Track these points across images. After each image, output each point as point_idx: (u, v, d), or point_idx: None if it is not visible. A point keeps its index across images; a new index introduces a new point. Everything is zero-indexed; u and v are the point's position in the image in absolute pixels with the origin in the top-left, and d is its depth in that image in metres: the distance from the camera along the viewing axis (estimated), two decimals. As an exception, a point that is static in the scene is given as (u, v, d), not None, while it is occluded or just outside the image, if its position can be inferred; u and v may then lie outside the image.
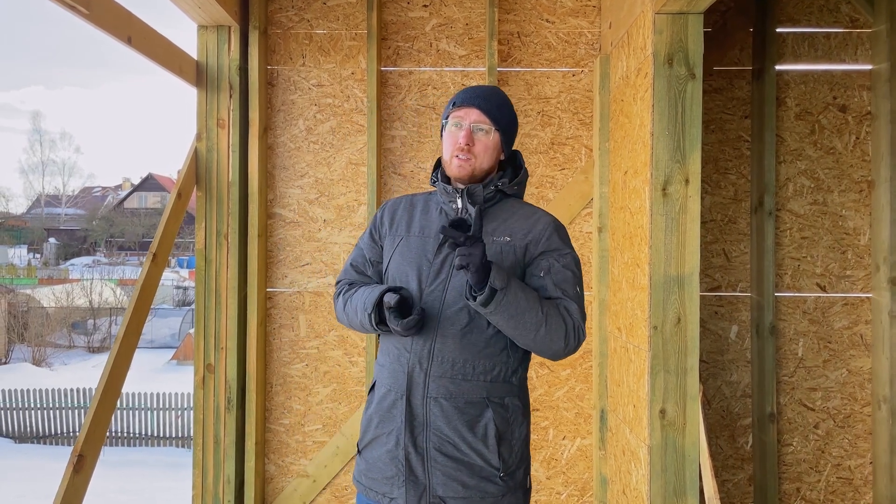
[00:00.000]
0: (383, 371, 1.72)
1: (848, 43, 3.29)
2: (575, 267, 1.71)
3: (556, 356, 1.66)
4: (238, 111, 3.15)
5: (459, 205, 1.71)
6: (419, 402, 1.64)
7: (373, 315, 1.67)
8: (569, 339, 1.63)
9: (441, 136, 1.80)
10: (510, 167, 1.81)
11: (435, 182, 1.77)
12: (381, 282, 1.82)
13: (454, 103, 1.74)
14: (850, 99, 3.28)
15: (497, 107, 1.74)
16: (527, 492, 1.73)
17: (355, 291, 1.79)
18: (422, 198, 1.85)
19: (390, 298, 1.61)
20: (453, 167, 1.71)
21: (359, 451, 1.77)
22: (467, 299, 1.57)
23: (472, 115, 1.71)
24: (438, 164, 1.81)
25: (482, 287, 1.54)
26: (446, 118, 1.76)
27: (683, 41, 2.30)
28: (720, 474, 3.29)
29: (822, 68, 3.29)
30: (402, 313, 1.62)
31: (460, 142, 1.69)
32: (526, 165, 3.25)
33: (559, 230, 1.73)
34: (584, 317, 1.67)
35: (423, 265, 1.69)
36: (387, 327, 1.66)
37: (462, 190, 1.71)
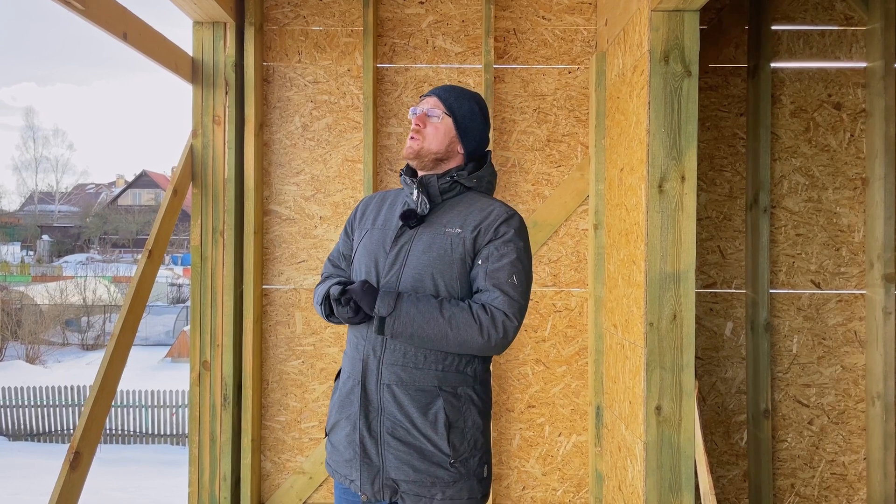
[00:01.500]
0: (346, 359, 1.79)
1: (843, 40, 3.30)
2: (516, 255, 1.70)
3: (485, 352, 1.67)
4: (234, 108, 3.15)
5: (415, 196, 1.76)
6: (374, 388, 1.70)
7: (323, 307, 1.76)
8: (487, 333, 1.62)
9: None
10: (476, 164, 1.84)
11: (402, 174, 1.84)
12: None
13: (420, 96, 1.86)
14: (844, 96, 3.30)
15: (455, 98, 1.80)
16: (483, 480, 1.75)
17: (320, 285, 1.87)
18: (393, 193, 1.90)
19: (334, 290, 1.69)
20: (404, 148, 1.79)
21: (326, 435, 1.83)
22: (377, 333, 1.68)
23: (430, 102, 1.80)
24: None
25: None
26: None
27: (680, 38, 2.30)
28: (714, 470, 3.31)
29: (817, 66, 3.30)
30: (346, 304, 1.69)
31: (412, 123, 1.78)
32: (522, 162, 3.27)
33: (510, 221, 1.73)
34: (514, 305, 1.66)
35: (380, 256, 1.75)
36: (336, 319, 1.74)
37: (418, 181, 1.76)
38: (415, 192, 1.75)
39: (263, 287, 3.29)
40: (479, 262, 1.69)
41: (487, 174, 1.83)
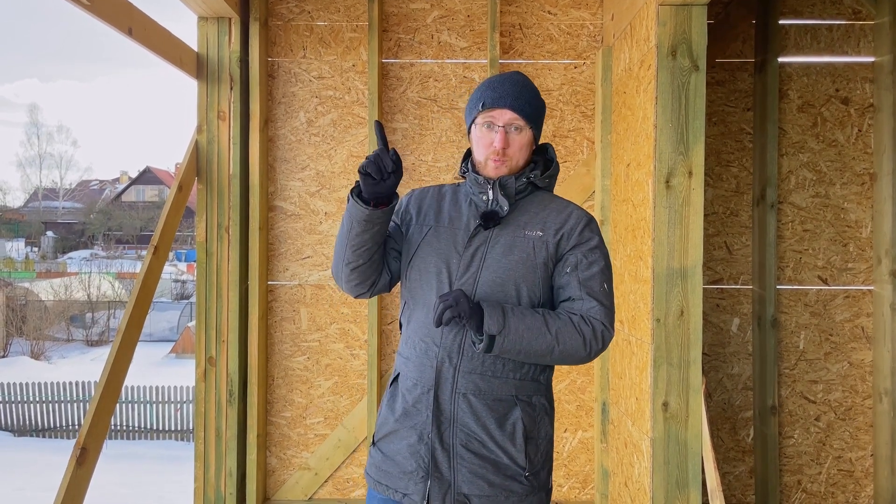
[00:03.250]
0: (408, 364, 1.67)
1: (850, 35, 3.28)
2: (605, 262, 1.67)
3: (582, 363, 1.64)
4: (239, 103, 3.14)
5: (490, 196, 1.67)
6: (447, 397, 1.60)
7: (351, 195, 1.60)
8: (590, 346, 1.59)
9: (468, 129, 1.75)
10: (541, 159, 1.76)
11: (465, 172, 1.73)
12: (397, 271, 1.77)
13: (483, 104, 1.67)
14: (852, 91, 3.28)
15: (528, 102, 1.68)
16: (549, 492, 1.71)
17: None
18: (450, 189, 1.80)
19: (365, 164, 1.53)
20: (489, 170, 1.67)
21: (374, 443, 1.72)
22: (473, 345, 1.58)
23: (506, 116, 1.65)
24: (468, 155, 1.77)
25: (480, 332, 1.54)
26: (473, 117, 1.70)
27: (687, 33, 2.29)
28: (721, 467, 3.30)
29: (825, 60, 3.29)
30: (376, 178, 1.53)
31: (496, 145, 1.64)
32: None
33: (592, 225, 1.69)
34: (610, 314, 1.63)
35: (452, 257, 1.65)
36: (367, 205, 1.58)
37: (494, 182, 1.66)
38: (490, 192, 1.66)
39: (268, 283, 3.29)
40: (568, 270, 1.63)
41: (556, 172, 1.77)
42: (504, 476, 1.59)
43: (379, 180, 1.54)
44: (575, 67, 3.24)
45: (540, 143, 1.78)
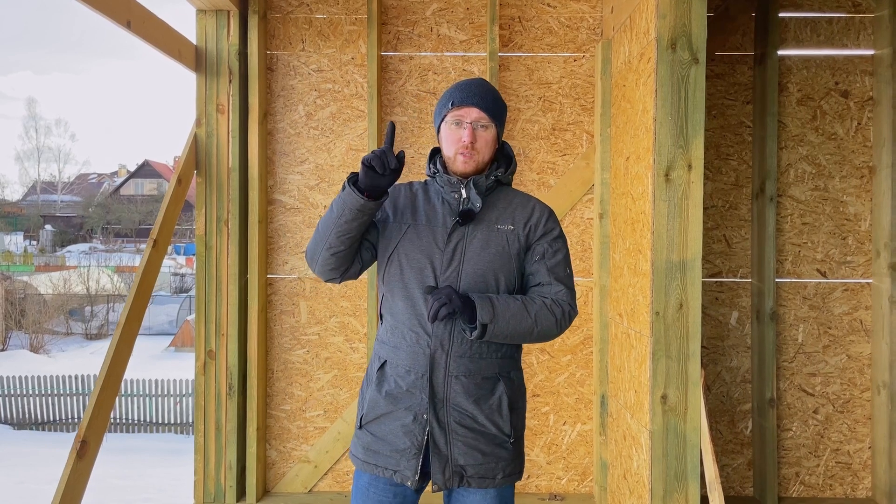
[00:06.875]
0: (398, 352, 1.80)
1: (850, 28, 3.28)
2: (565, 249, 1.87)
3: (552, 339, 1.86)
4: (238, 96, 3.13)
5: (464, 194, 1.82)
6: (441, 380, 1.76)
7: (347, 184, 1.71)
8: (561, 325, 1.80)
9: (437, 129, 1.88)
10: (502, 156, 1.91)
11: (436, 173, 1.85)
12: (368, 261, 1.87)
13: (452, 102, 1.82)
14: (851, 84, 3.27)
15: (493, 102, 1.83)
16: (523, 455, 1.91)
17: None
18: (418, 186, 1.92)
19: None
20: (458, 164, 1.80)
21: (360, 426, 1.84)
22: (463, 332, 1.74)
23: (473, 114, 1.80)
24: (433, 155, 1.90)
25: (472, 322, 1.70)
26: (443, 115, 1.84)
27: (687, 25, 2.29)
28: (719, 459, 3.31)
29: (825, 53, 3.28)
30: (379, 171, 1.66)
31: (465, 140, 1.78)
32: (527, 151, 3.26)
33: (552, 216, 1.89)
34: (573, 295, 1.85)
35: (434, 253, 1.79)
36: (362, 195, 1.68)
37: (468, 181, 1.81)
38: (462, 191, 1.81)
39: (268, 276, 3.29)
40: (537, 258, 1.82)
41: (515, 169, 1.92)
42: (494, 445, 1.79)
43: (381, 175, 1.67)
44: (574, 60, 3.24)
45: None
